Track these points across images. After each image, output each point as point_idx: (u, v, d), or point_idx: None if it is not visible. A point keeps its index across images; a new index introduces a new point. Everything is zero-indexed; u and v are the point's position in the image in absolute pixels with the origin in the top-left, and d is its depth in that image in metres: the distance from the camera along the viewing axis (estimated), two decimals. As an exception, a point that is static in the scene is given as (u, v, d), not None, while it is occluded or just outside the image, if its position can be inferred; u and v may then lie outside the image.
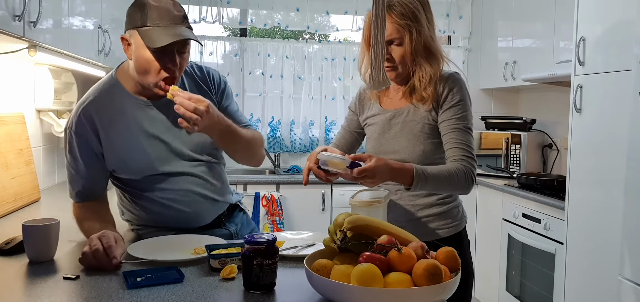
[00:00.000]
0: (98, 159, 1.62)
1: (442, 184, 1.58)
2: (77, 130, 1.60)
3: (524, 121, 3.81)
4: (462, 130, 1.63)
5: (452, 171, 1.58)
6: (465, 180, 1.59)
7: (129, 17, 1.55)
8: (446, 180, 1.57)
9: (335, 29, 4.39)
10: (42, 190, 2.50)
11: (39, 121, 2.72)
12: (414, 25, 1.62)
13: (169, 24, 1.52)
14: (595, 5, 2.50)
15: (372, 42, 1.45)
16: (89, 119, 1.59)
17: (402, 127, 1.69)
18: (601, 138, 2.44)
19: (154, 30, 1.50)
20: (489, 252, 3.58)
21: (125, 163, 1.63)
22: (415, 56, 1.64)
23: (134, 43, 1.53)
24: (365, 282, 1.05)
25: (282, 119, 4.29)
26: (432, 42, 1.66)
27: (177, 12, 1.55)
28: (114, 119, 1.61)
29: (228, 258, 1.35)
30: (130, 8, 1.55)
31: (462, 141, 1.62)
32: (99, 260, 1.35)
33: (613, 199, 2.33)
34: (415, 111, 1.68)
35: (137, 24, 1.52)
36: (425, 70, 1.65)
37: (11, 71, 2.42)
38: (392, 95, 1.76)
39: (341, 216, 1.27)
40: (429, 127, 1.67)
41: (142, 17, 1.51)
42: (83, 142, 1.60)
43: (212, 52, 4.18)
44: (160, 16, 1.51)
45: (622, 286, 2.13)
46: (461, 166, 1.60)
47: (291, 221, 3.72)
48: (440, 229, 1.69)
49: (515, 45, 3.83)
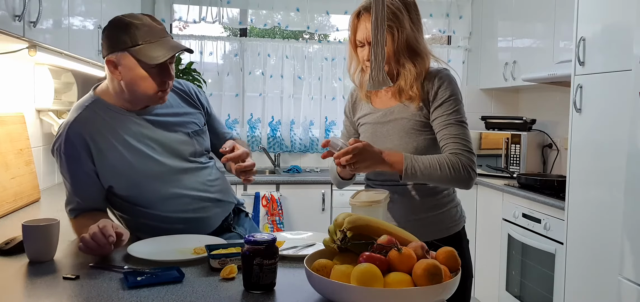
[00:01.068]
0: (90, 176, 1.59)
1: (435, 172, 1.56)
2: (67, 151, 1.57)
3: (524, 121, 3.81)
4: (455, 124, 1.62)
5: (446, 160, 1.57)
6: (462, 171, 1.57)
7: (113, 40, 1.54)
8: (440, 168, 1.56)
9: (335, 29, 4.39)
10: (42, 190, 2.50)
11: (39, 121, 2.72)
12: (395, 25, 1.63)
13: (159, 38, 1.54)
14: (595, 5, 2.50)
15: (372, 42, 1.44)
16: (78, 137, 1.57)
17: (393, 125, 1.70)
18: (601, 138, 2.44)
19: (148, 47, 1.52)
20: (489, 252, 3.58)
21: (121, 176, 1.60)
22: (399, 56, 1.65)
23: (125, 64, 1.53)
24: (365, 282, 1.05)
25: (282, 119, 4.29)
26: (415, 41, 1.66)
27: (159, 26, 1.58)
28: (103, 133, 1.59)
29: (228, 258, 1.35)
30: (111, 31, 1.55)
31: (456, 135, 1.61)
32: (98, 241, 1.36)
33: (613, 199, 2.33)
34: (405, 109, 1.68)
35: (126, 45, 1.52)
36: (409, 69, 1.65)
37: (11, 71, 2.42)
38: (382, 95, 1.76)
39: (341, 216, 1.27)
40: (420, 124, 1.67)
41: (132, 38, 1.52)
42: (73, 162, 1.58)
43: (212, 52, 4.18)
44: (150, 33, 1.53)
45: (622, 286, 2.13)
46: (456, 158, 1.58)
47: (291, 221, 3.72)
48: (440, 229, 1.69)
49: (515, 45, 3.83)
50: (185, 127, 1.71)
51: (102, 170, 1.59)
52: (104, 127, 1.59)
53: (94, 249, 1.38)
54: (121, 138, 1.59)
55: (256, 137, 4.27)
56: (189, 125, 1.72)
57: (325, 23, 4.42)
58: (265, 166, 4.26)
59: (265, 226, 3.61)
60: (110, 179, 1.60)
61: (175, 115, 1.70)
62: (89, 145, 1.57)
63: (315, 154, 4.37)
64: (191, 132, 1.71)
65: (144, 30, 1.53)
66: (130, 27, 1.52)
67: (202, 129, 1.76)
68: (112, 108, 1.61)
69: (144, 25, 1.54)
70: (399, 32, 1.63)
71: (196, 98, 1.79)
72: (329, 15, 4.34)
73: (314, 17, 4.23)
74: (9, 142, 2.23)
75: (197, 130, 1.73)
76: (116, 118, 1.61)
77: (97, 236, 1.37)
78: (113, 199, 1.66)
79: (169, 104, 1.70)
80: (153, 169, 1.62)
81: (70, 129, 1.57)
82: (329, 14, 4.30)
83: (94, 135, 1.58)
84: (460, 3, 4.30)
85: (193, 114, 1.75)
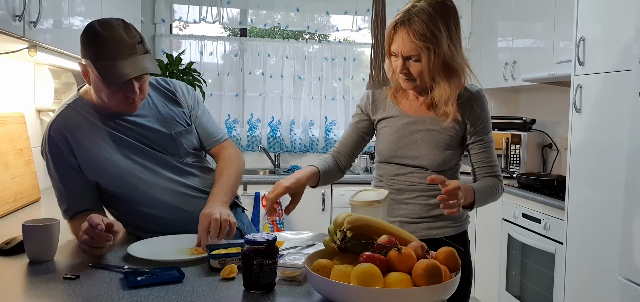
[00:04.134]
0: (77, 172, 1.59)
1: (487, 200, 1.68)
2: (51, 150, 1.57)
3: (524, 121, 3.81)
4: (491, 148, 1.73)
5: (493, 186, 1.70)
6: (499, 191, 1.72)
7: (83, 47, 1.51)
8: (491, 196, 1.69)
9: (335, 29, 4.39)
10: (42, 190, 2.50)
11: (39, 121, 2.72)
12: (433, 46, 1.57)
13: (125, 55, 1.48)
14: (595, 5, 2.50)
15: (372, 42, 1.44)
16: (59, 134, 1.57)
17: (424, 135, 1.69)
18: (601, 138, 2.44)
19: (110, 64, 1.46)
20: (489, 252, 3.58)
21: (104, 172, 1.59)
22: (434, 74, 1.63)
23: (92, 73, 1.51)
24: (365, 282, 1.05)
25: (282, 119, 4.29)
26: (452, 60, 1.61)
27: (130, 40, 1.50)
28: (84, 128, 1.58)
29: (228, 258, 1.35)
30: (82, 37, 1.51)
31: (492, 159, 1.73)
32: (89, 234, 1.37)
33: (613, 199, 2.33)
34: (438, 122, 1.68)
35: (92, 56, 1.48)
36: (443, 88, 1.63)
37: (11, 71, 2.42)
38: (411, 100, 1.74)
39: (341, 216, 1.27)
40: (452, 139, 1.69)
41: (97, 51, 1.47)
42: (58, 160, 1.57)
43: (212, 52, 4.18)
44: (116, 47, 1.47)
45: (622, 286, 2.13)
46: (497, 181, 1.72)
47: (291, 221, 3.72)
48: (447, 227, 1.72)
49: (515, 45, 3.82)
50: (168, 126, 1.68)
51: (85, 164, 1.58)
52: (85, 123, 1.59)
53: (90, 243, 1.39)
54: (102, 135, 1.59)
55: (256, 137, 4.28)
56: (173, 125, 1.69)
57: (325, 23, 4.42)
58: (265, 165, 4.26)
59: (265, 226, 3.61)
60: (94, 175, 1.60)
61: (158, 115, 1.68)
62: (68, 140, 1.57)
63: (315, 154, 4.37)
64: (175, 132, 1.68)
65: (111, 45, 1.46)
66: (98, 38, 1.47)
67: (187, 128, 1.73)
68: (94, 107, 1.61)
69: (112, 39, 1.46)
70: (434, 54, 1.58)
71: (182, 97, 1.75)
72: (329, 15, 4.34)
73: (314, 17, 4.23)
74: (9, 142, 2.23)
75: (180, 130, 1.70)
76: (97, 117, 1.60)
77: (88, 230, 1.38)
78: (102, 196, 1.67)
79: (152, 104, 1.68)
80: (136, 168, 1.61)
81: (51, 127, 1.58)
82: (329, 14, 4.30)
83: (73, 130, 1.57)
84: (460, 3, 4.30)
85: (177, 114, 1.72)
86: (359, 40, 4.42)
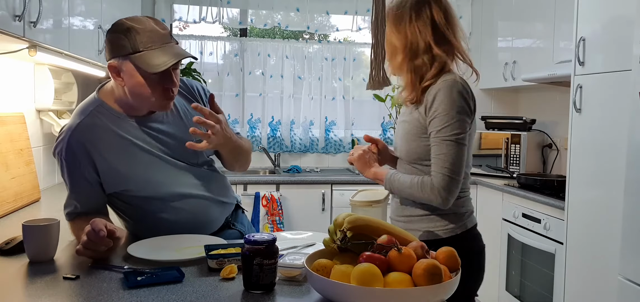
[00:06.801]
0: (91, 184, 1.57)
1: (404, 192, 1.63)
2: (67, 157, 1.55)
3: (524, 121, 3.81)
4: (438, 144, 1.56)
5: (416, 182, 1.59)
6: (430, 192, 1.56)
7: (114, 45, 1.49)
8: (408, 189, 1.61)
9: (335, 29, 4.39)
10: (42, 190, 2.50)
11: (39, 121, 2.73)
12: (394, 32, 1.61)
13: (162, 44, 1.48)
14: (595, 5, 2.50)
15: (372, 42, 1.45)
16: (80, 145, 1.54)
17: (402, 127, 1.71)
18: (601, 138, 2.44)
19: (149, 54, 1.46)
20: (489, 252, 3.54)
21: (128, 182, 1.58)
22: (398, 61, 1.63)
23: (126, 70, 1.49)
24: (365, 282, 1.05)
25: (282, 119, 4.29)
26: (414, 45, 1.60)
27: (163, 31, 1.51)
28: (107, 140, 1.56)
29: (226, 258, 1.35)
30: (113, 35, 1.49)
31: (437, 155, 1.57)
32: (90, 237, 1.36)
33: (613, 199, 2.33)
34: (411, 112, 1.67)
35: (127, 51, 1.47)
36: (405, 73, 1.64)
37: (11, 71, 2.42)
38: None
39: (341, 216, 1.27)
40: (416, 129, 1.63)
41: (132, 44, 1.46)
42: (74, 168, 1.55)
43: (212, 52, 4.18)
44: (151, 39, 1.47)
45: (622, 286, 2.13)
46: (428, 179, 1.58)
47: (291, 221, 3.72)
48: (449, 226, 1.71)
49: (515, 45, 3.82)
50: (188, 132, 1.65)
51: (107, 177, 1.57)
52: (107, 134, 1.56)
53: (89, 246, 1.38)
54: (125, 145, 1.57)
55: (256, 137, 4.28)
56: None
57: (325, 23, 4.42)
58: (265, 165, 4.26)
59: (265, 226, 3.61)
60: (113, 186, 1.59)
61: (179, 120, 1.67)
62: (91, 155, 1.54)
63: (315, 154, 4.37)
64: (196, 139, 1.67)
65: (145, 36, 1.47)
66: (131, 32, 1.46)
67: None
68: (116, 113, 1.58)
69: (146, 30, 1.47)
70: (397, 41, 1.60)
71: (199, 97, 1.75)
72: (329, 15, 4.34)
73: (314, 17, 4.23)
74: (9, 142, 2.23)
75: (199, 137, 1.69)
76: (119, 124, 1.58)
77: (90, 233, 1.37)
78: (116, 202, 1.66)
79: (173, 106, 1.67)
80: (157, 174, 1.60)
81: (72, 136, 1.54)
82: (329, 14, 4.30)
83: (97, 143, 1.55)
84: (460, 3, 4.30)
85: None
86: (359, 40, 4.42)
